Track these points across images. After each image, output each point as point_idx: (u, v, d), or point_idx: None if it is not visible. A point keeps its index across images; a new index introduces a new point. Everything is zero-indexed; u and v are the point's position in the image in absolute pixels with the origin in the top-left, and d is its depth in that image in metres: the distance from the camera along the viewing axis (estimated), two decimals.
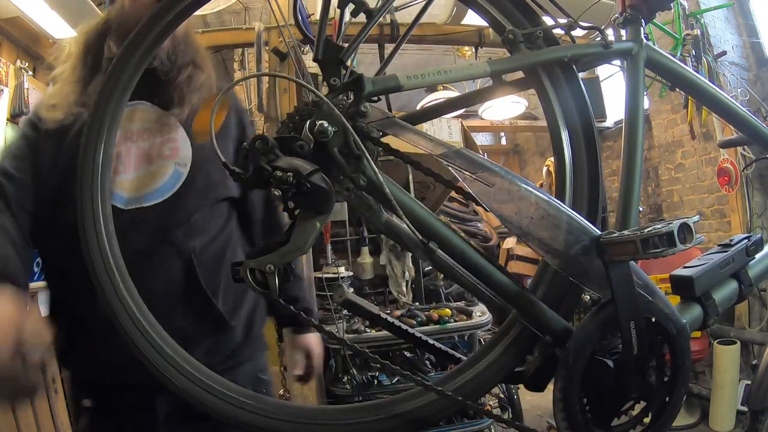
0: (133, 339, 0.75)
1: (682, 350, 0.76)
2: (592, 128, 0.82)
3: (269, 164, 0.65)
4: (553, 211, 0.73)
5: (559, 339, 0.75)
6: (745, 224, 3.57)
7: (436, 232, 0.73)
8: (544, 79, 0.83)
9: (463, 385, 0.79)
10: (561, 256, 0.73)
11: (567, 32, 0.87)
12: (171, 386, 0.74)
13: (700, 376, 3.81)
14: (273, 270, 0.68)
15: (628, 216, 0.86)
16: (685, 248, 0.67)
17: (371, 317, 0.90)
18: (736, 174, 3.51)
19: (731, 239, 0.91)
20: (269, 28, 2.63)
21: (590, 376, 0.73)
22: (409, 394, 0.81)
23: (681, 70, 1.00)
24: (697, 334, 3.14)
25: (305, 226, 0.69)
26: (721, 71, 3.62)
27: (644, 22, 0.93)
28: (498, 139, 8.72)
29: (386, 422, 0.77)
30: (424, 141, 0.74)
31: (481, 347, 0.85)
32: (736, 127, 1.09)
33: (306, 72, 2.21)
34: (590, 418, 0.74)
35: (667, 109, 4.22)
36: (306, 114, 0.72)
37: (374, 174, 0.70)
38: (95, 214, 0.79)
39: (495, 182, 0.72)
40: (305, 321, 0.77)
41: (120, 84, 0.80)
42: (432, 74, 0.75)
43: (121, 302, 0.76)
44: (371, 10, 0.76)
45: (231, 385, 0.78)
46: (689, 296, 0.84)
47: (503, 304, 0.79)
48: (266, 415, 0.76)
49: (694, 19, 3.64)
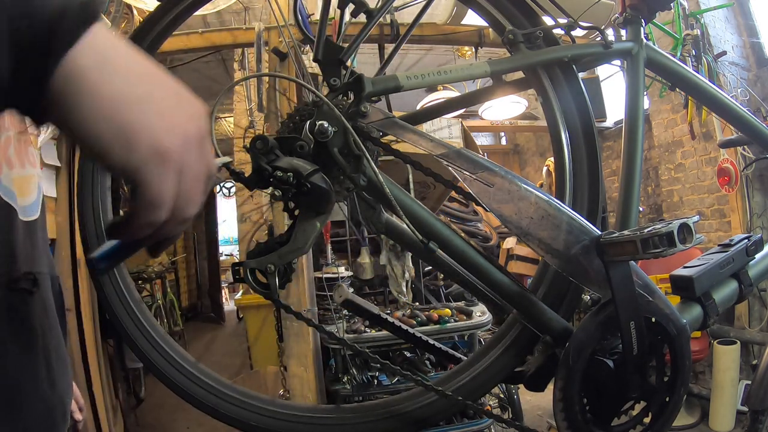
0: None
1: (682, 350, 0.76)
2: (592, 128, 0.82)
3: (269, 164, 0.65)
4: (553, 211, 0.73)
5: (559, 339, 0.76)
6: (745, 224, 3.57)
7: (436, 232, 0.73)
8: (544, 79, 0.83)
9: (463, 385, 0.80)
10: (561, 256, 0.73)
11: (567, 32, 0.87)
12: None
13: (700, 376, 3.81)
14: (273, 270, 0.68)
15: (628, 216, 0.86)
16: (684, 248, 0.67)
17: (371, 317, 0.90)
18: (736, 174, 3.51)
19: (731, 239, 0.91)
20: (269, 28, 2.63)
21: (590, 376, 0.73)
22: (409, 394, 0.81)
23: (681, 70, 1.00)
24: (697, 334, 3.14)
25: (305, 226, 0.69)
26: (721, 71, 3.62)
27: (644, 22, 0.94)
28: (498, 139, 8.72)
29: (386, 422, 0.78)
30: (424, 141, 0.74)
31: (481, 347, 0.85)
32: (736, 127, 1.09)
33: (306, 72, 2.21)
34: (590, 418, 0.74)
35: (667, 109, 4.22)
36: (306, 114, 0.72)
37: (374, 174, 0.70)
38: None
39: (495, 182, 0.73)
40: (307, 322, 0.77)
41: None
42: (432, 74, 0.76)
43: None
44: (371, 10, 0.76)
45: (226, 383, 0.78)
46: (689, 296, 0.84)
47: (503, 304, 0.79)
48: (266, 414, 0.76)
49: (694, 19, 3.64)
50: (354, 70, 0.74)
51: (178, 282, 7.07)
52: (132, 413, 3.67)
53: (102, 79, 0.34)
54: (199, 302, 8.14)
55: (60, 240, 2.50)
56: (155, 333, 0.81)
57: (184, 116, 0.39)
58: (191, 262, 8.00)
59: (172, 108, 0.38)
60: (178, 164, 0.38)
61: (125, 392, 3.64)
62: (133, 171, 0.36)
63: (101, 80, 0.34)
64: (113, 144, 0.35)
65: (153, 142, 0.36)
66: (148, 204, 0.38)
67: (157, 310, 4.64)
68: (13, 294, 0.54)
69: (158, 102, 0.37)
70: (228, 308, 8.00)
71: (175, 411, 3.76)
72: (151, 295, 4.70)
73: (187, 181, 0.39)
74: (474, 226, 5.21)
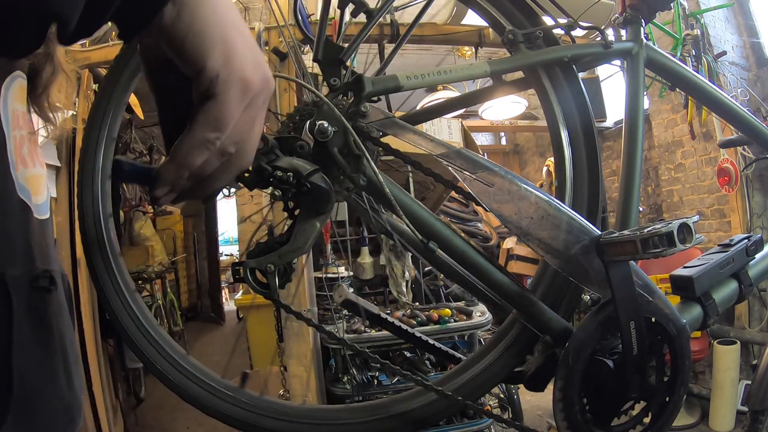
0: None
1: (682, 350, 0.76)
2: (592, 128, 0.82)
3: (269, 164, 0.65)
4: (553, 211, 0.73)
5: (559, 339, 0.76)
6: (745, 224, 3.57)
7: (436, 232, 0.73)
8: (544, 79, 0.83)
9: (463, 385, 0.80)
10: (561, 256, 0.73)
11: (567, 32, 0.87)
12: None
13: (700, 376, 3.81)
14: (273, 270, 0.68)
15: (628, 216, 0.86)
16: (684, 248, 0.67)
17: (371, 317, 0.90)
18: (736, 174, 3.51)
19: (731, 239, 0.91)
20: (269, 28, 2.63)
21: (590, 376, 0.73)
22: (409, 394, 0.81)
23: (681, 70, 1.00)
24: (697, 334, 3.14)
25: (305, 226, 0.69)
26: (721, 71, 3.62)
27: (644, 22, 0.94)
28: (498, 139, 8.71)
29: (386, 422, 0.78)
30: (424, 141, 0.74)
31: (481, 347, 0.85)
32: (736, 127, 1.09)
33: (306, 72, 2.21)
34: (590, 418, 0.74)
35: (667, 109, 4.22)
36: (306, 114, 0.72)
37: (374, 174, 0.70)
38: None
39: (495, 182, 0.73)
40: (307, 322, 0.77)
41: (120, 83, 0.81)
42: (432, 74, 0.76)
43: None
44: (371, 10, 0.76)
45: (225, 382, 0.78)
46: (689, 296, 0.84)
47: (503, 304, 0.79)
48: (265, 414, 0.76)
49: (694, 19, 3.64)
50: (354, 70, 0.74)
51: (178, 282, 7.07)
52: (132, 413, 3.67)
53: (218, 3, 0.40)
54: (199, 302, 8.13)
55: (60, 240, 2.51)
56: (155, 333, 0.81)
57: (264, 63, 0.43)
58: (191, 262, 7.99)
59: (257, 52, 0.43)
60: (250, 97, 0.41)
61: (125, 392, 3.64)
62: (217, 81, 0.40)
63: (217, 3, 0.40)
64: (213, 53, 0.39)
65: (243, 66, 0.41)
66: (212, 119, 0.40)
67: (157, 310, 4.64)
68: (34, 292, 0.54)
69: (250, 40, 0.42)
70: (228, 308, 8.00)
71: (175, 411, 3.75)
72: (151, 295, 4.70)
73: (249, 121, 0.42)
74: (474, 226, 5.21)
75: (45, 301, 0.57)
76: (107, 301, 0.81)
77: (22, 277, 0.53)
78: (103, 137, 0.83)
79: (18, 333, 0.49)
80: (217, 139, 0.41)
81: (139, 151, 4.44)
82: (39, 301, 0.56)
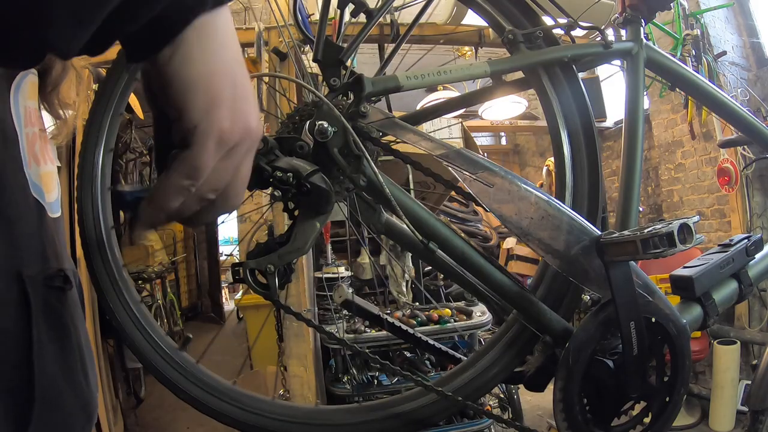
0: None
1: (682, 350, 0.76)
2: (592, 128, 0.82)
3: (269, 164, 0.65)
4: (553, 211, 0.73)
5: (559, 339, 0.76)
6: (745, 224, 3.57)
7: (437, 232, 0.73)
8: (544, 79, 0.83)
9: (463, 385, 0.80)
10: (561, 257, 0.73)
11: (567, 32, 0.87)
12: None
13: (700, 376, 3.81)
14: (273, 270, 0.68)
15: (628, 216, 0.86)
16: (684, 248, 0.67)
17: (371, 317, 0.90)
18: (736, 174, 3.51)
19: (731, 239, 0.91)
20: (269, 28, 2.63)
21: (590, 377, 0.73)
22: (409, 394, 0.81)
23: (681, 70, 1.00)
24: (697, 334, 3.14)
25: (305, 227, 0.69)
26: (721, 71, 3.62)
27: (644, 22, 0.94)
28: (498, 140, 8.71)
29: (386, 422, 0.77)
30: (424, 141, 0.74)
31: (481, 347, 0.85)
32: (736, 127, 1.09)
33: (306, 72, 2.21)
34: (590, 418, 0.74)
35: (667, 109, 4.22)
36: (306, 114, 0.72)
37: (374, 174, 0.70)
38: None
39: (495, 182, 0.72)
40: (307, 322, 0.77)
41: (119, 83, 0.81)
42: (432, 74, 0.75)
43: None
44: (371, 10, 0.76)
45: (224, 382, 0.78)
46: (689, 296, 0.84)
47: (503, 305, 0.79)
48: (264, 414, 0.76)
49: (694, 19, 3.64)
50: (354, 70, 0.74)
51: (178, 282, 7.07)
52: (132, 413, 3.67)
53: (215, 48, 0.40)
54: (199, 302, 8.14)
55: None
56: (155, 333, 0.81)
57: (252, 115, 0.43)
58: (191, 262, 7.99)
59: (247, 102, 0.43)
60: (228, 148, 0.41)
61: (125, 392, 3.64)
62: (194, 132, 0.40)
63: (215, 48, 0.40)
64: (195, 102, 0.39)
65: (222, 117, 0.40)
66: (187, 167, 0.41)
67: (157, 310, 4.64)
68: (50, 292, 0.55)
69: (241, 88, 0.42)
70: (228, 308, 8.00)
71: (175, 411, 3.75)
72: (151, 295, 4.70)
73: (229, 169, 0.43)
74: (474, 226, 5.21)
75: (60, 300, 0.57)
76: (117, 320, 0.80)
77: (38, 276, 0.53)
78: (102, 143, 0.83)
79: (37, 333, 0.50)
80: (192, 186, 0.41)
81: (139, 151, 4.44)
82: (55, 300, 0.56)
